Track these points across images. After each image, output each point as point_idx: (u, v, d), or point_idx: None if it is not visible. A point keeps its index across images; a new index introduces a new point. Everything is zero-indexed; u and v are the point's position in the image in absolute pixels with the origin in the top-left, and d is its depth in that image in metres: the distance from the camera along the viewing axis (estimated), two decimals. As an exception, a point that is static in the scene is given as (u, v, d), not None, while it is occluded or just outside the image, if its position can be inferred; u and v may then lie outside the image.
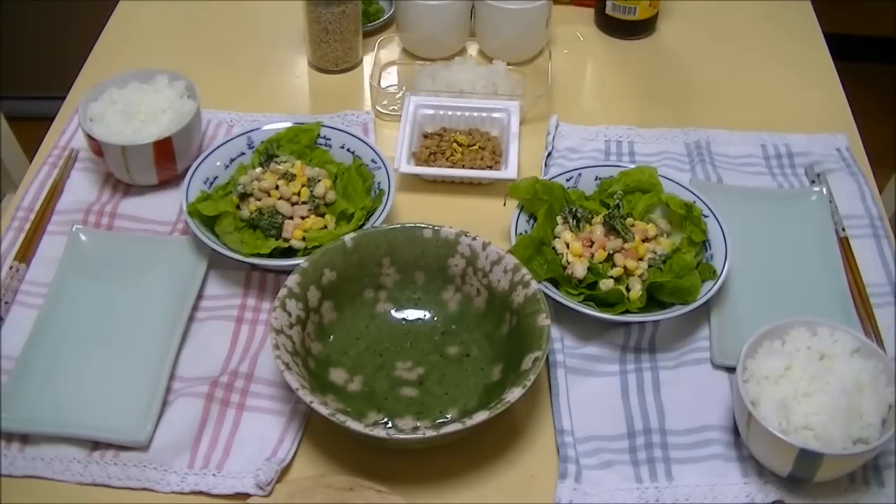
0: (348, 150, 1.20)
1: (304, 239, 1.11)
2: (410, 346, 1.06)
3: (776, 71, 1.43)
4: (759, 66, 1.44)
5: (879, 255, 1.16)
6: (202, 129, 1.27)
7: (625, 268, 1.06)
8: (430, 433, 0.91)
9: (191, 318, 1.07)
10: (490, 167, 1.22)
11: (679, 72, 1.44)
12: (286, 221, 1.11)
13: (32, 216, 1.18)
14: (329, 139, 1.21)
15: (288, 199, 1.12)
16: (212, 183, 1.17)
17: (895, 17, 2.57)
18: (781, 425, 0.91)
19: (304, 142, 1.20)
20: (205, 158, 1.18)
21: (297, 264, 1.03)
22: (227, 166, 1.19)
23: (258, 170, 1.16)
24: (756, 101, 1.38)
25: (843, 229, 1.18)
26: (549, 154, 1.27)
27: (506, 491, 0.95)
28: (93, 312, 1.07)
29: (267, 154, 1.18)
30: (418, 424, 0.98)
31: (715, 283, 1.05)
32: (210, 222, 1.11)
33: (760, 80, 1.41)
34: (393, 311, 1.08)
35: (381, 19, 1.49)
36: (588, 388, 1.03)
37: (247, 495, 0.93)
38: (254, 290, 1.11)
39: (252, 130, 1.22)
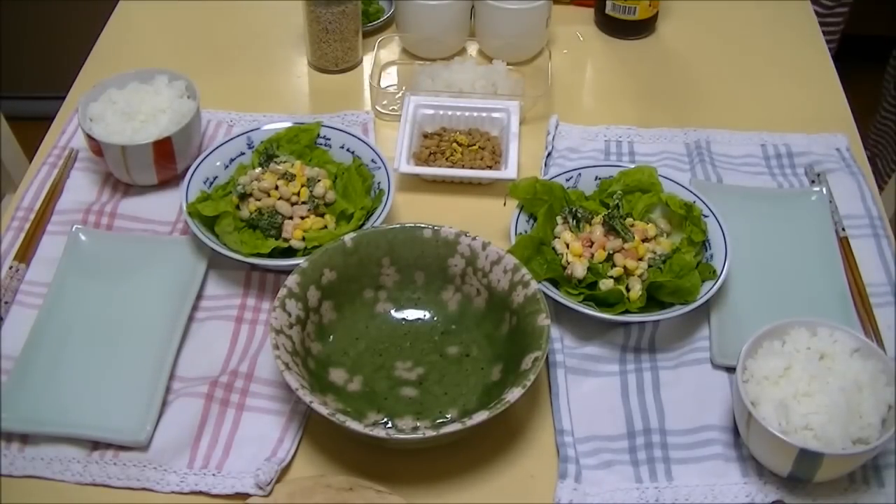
0: (348, 150, 1.20)
1: (303, 239, 1.11)
2: (410, 346, 1.06)
3: (776, 71, 1.43)
4: (759, 66, 1.44)
5: (879, 255, 1.16)
6: (202, 129, 1.27)
7: (625, 268, 1.06)
8: (430, 433, 0.91)
9: (191, 318, 1.07)
10: (490, 167, 1.22)
11: (679, 72, 1.44)
12: (286, 221, 1.11)
13: (32, 216, 1.18)
14: (329, 139, 1.21)
15: (287, 199, 1.12)
16: (211, 183, 1.17)
17: (894, 16, 2.57)
18: (781, 425, 0.91)
19: (304, 142, 1.20)
20: (205, 158, 1.18)
21: (297, 264, 1.03)
22: (227, 166, 1.19)
23: (258, 170, 1.16)
24: (756, 101, 1.38)
25: (843, 229, 1.18)
26: (549, 154, 1.27)
27: (506, 491, 0.95)
28: (93, 312, 1.07)
29: (267, 154, 1.18)
30: (418, 424, 0.98)
31: (715, 283, 1.05)
32: (210, 222, 1.11)
33: (760, 80, 1.41)
34: (393, 311, 1.08)
35: (381, 19, 1.49)
36: (588, 388, 1.03)
37: (246, 495, 0.93)
38: (254, 290, 1.11)
39: (252, 130, 1.22)
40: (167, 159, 1.19)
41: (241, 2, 1.54)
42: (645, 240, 1.09)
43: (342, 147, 1.21)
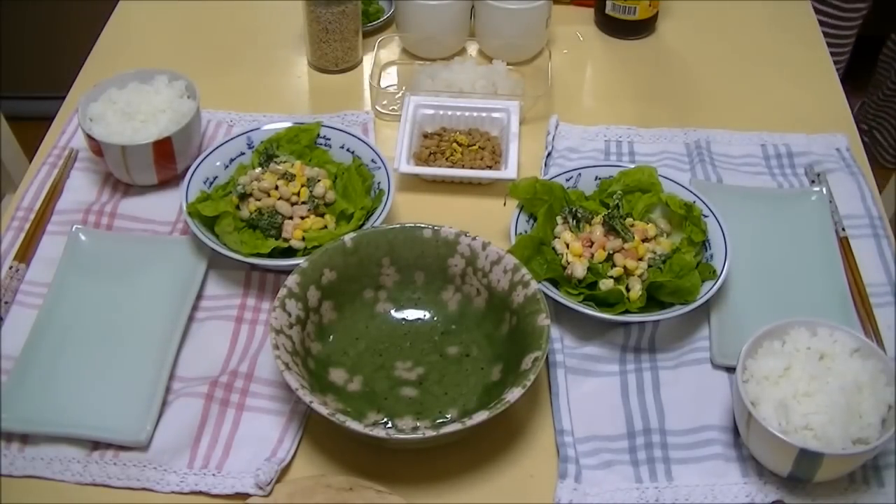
0: (348, 150, 1.20)
1: (303, 239, 1.11)
2: (410, 346, 1.06)
3: (776, 71, 1.43)
4: (760, 66, 1.44)
5: (879, 255, 1.16)
6: (202, 129, 1.27)
7: (624, 268, 1.06)
8: (430, 433, 0.91)
9: (191, 318, 1.07)
10: (490, 167, 1.22)
11: (679, 72, 1.44)
12: (286, 221, 1.11)
13: (32, 216, 1.18)
14: (329, 139, 1.21)
15: (287, 200, 1.12)
16: (211, 183, 1.17)
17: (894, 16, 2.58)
18: (781, 425, 0.91)
19: (304, 142, 1.20)
20: (204, 158, 1.18)
21: (297, 264, 1.03)
22: (227, 166, 1.19)
23: (258, 170, 1.16)
24: (756, 101, 1.38)
25: (843, 229, 1.18)
26: (549, 154, 1.27)
27: (506, 491, 0.95)
28: (93, 312, 1.07)
29: (267, 154, 1.18)
30: (418, 424, 0.98)
31: (715, 283, 1.05)
32: (210, 222, 1.11)
33: (760, 80, 1.41)
34: (393, 311, 1.08)
35: (381, 19, 1.49)
36: (588, 388, 1.03)
37: (246, 495, 0.93)
38: (253, 290, 1.11)
39: (252, 130, 1.21)
40: (167, 159, 1.19)
41: (241, 2, 1.54)
42: (645, 240, 1.09)
43: (342, 147, 1.21)
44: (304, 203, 1.12)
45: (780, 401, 0.92)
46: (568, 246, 1.09)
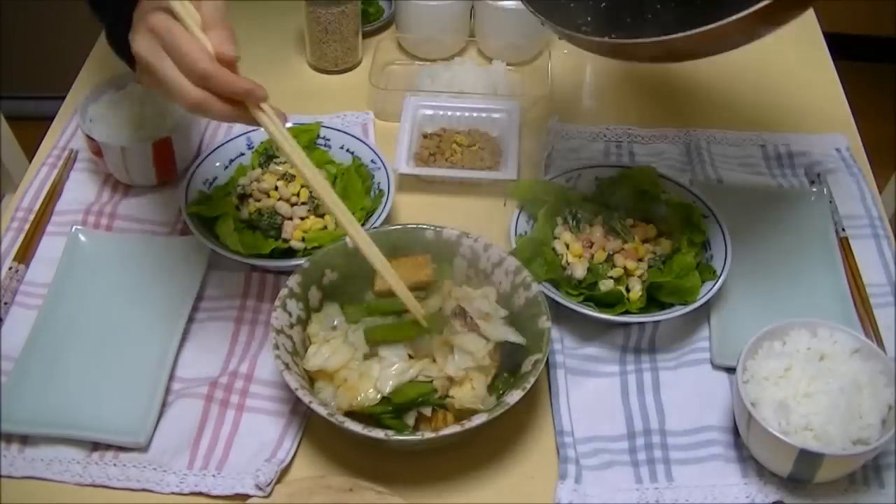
0: (348, 150, 1.20)
1: (303, 240, 1.11)
2: (410, 346, 1.05)
3: (776, 71, 1.43)
4: (759, 66, 1.44)
5: (879, 255, 1.16)
6: (202, 130, 1.27)
7: (625, 268, 1.06)
8: (430, 434, 0.90)
9: (190, 319, 1.07)
10: (490, 167, 1.22)
11: (679, 72, 1.44)
12: (286, 222, 1.11)
13: (32, 217, 1.18)
14: (328, 139, 1.21)
15: (287, 200, 1.12)
16: (211, 184, 1.17)
17: (895, 16, 2.58)
18: (781, 426, 0.91)
19: (304, 142, 1.20)
20: (204, 159, 1.18)
21: (298, 265, 1.03)
22: (227, 167, 1.19)
23: (257, 171, 1.16)
24: (756, 101, 1.38)
25: (843, 229, 1.17)
26: (549, 154, 1.27)
27: (506, 491, 0.95)
28: (93, 313, 1.07)
29: (266, 155, 1.18)
30: (418, 425, 0.98)
31: (715, 284, 1.05)
32: (210, 223, 1.11)
33: (760, 80, 1.41)
34: (393, 312, 1.08)
35: (381, 19, 1.48)
36: (588, 388, 1.02)
37: (246, 496, 0.93)
38: (253, 290, 1.11)
39: (251, 131, 1.21)
40: (167, 160, 1.19)
41: (241, 2, 1.54)
42: (645, 240, 1.09)
43: (342, 148, 1.21)
44: (303, 204, 1.12)
45: (781, 401, 0.92)
46: (568, 247, 1.09)
